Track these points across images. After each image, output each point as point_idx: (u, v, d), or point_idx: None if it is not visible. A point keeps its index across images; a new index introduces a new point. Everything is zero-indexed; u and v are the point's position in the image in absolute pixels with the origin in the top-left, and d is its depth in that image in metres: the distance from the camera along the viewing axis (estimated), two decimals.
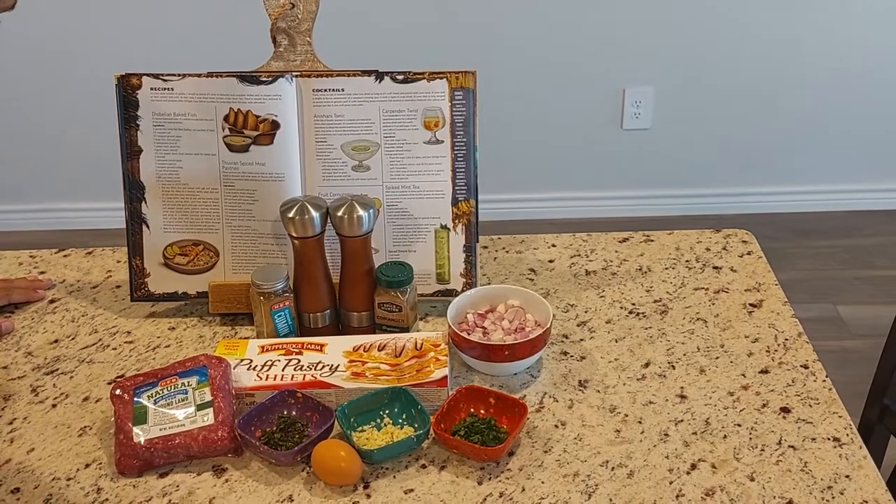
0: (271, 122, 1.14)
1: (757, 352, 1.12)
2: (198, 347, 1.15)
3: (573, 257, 1.32)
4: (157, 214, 1.17)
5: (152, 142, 1.15)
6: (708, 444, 0.99)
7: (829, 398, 1.04)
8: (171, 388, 1.01)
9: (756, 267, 1.29)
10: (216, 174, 1.16)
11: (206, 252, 1.18)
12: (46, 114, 2.74)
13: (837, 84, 2.75)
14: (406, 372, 1.04)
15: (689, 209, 2.91)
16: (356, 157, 1.16)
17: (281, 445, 0.97)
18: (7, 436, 1.02)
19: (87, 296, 1.26)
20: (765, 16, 2.64)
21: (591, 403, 1.05)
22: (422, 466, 0.97)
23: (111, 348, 1.16)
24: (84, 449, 1.00)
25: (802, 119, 2.81)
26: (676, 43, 2.67)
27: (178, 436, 0.97)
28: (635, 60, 2.71)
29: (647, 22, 2.64)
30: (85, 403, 1.07)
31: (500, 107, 2.70)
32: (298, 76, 1.15)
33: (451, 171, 1.16)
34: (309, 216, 1.07)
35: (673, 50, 2.69)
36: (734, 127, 2.81)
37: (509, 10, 2.60)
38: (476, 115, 1.16)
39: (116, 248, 1.35)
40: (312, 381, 1.03)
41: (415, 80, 1.14)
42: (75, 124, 2.75)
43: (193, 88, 1.14)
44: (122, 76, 1.14)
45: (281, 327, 1.11)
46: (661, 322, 1.18)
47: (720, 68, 2.71)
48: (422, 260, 1.17)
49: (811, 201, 2.92)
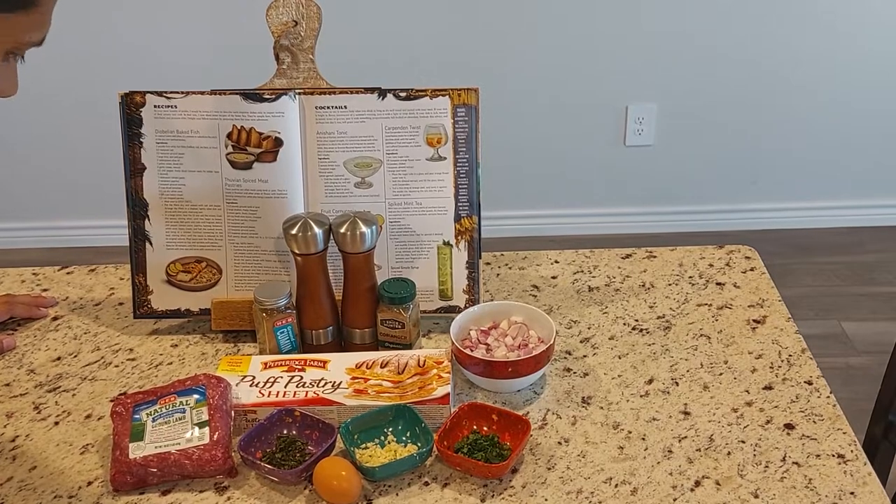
0: (274, 139, 1.15)
1: (760, 368, 1.12)
2: (200, 365, 1.15)
3: (576, 273, 1.32)
4: (160, 231, 1.17)
5: (155, 159, 1.15)
6: (712, 461, 0.98)
7: (834, 414, 1.04)
8: (170, 407, 1.00)
9: (759, 283, 1.29)
10: (219, 191, 1.16)
11: (209, 269, 1.18)
12: (49, 132, 2.76)
13: (839, 100, 2.76)
14: (409, 389, 1.04)
15: (692, 226, 2.91)
16: (359, 173, 1.16)
17: (283, 465, 0.97)
18: (9, 453, 1.02)
19: (89, 313, 1.26)
20: (766, 33, 2.65)
21: (594, 420, 1.04)
22: (424, 484, 0.96)
23: (114, 366, 1.16)
24: (86, 467, 1.00)
25: (805, 136, 2.81)
26: (679, 60, 2.68)
27: (172, 454, 0.96)
28: (638, 78, 2.72)
29: (651, 39, 2.65)
30: (87, 421, 1.07)
31: (504, 124, 2.71)
32: (301, 93, 1.15)
33: (454, 187, 1.16)
34: (312, 233, 1.07)
35: (676, 67, 2.70)
36: (736, 144, 2.82)
37: (512, 28, 2.62)
38: (479, 132, 1.16)
39: (119, 266, 1.35)
40: (315, 398, 1.03)
41: (417, 97, 1.15)
42: (78, 142, 2.76)
43: (197, 106, 1.14)
44: (126, 94, 1.14)
45: (283, 344, 1.11)
46: (665, 338, 1.18)
47: (722, 85, 2.72)
48: (424, 276, 1.17)
49: (814, 217, 2.92)
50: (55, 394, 1.11)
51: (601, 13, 2.61)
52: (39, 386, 1.13)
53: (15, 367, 1.16)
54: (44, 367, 1.16)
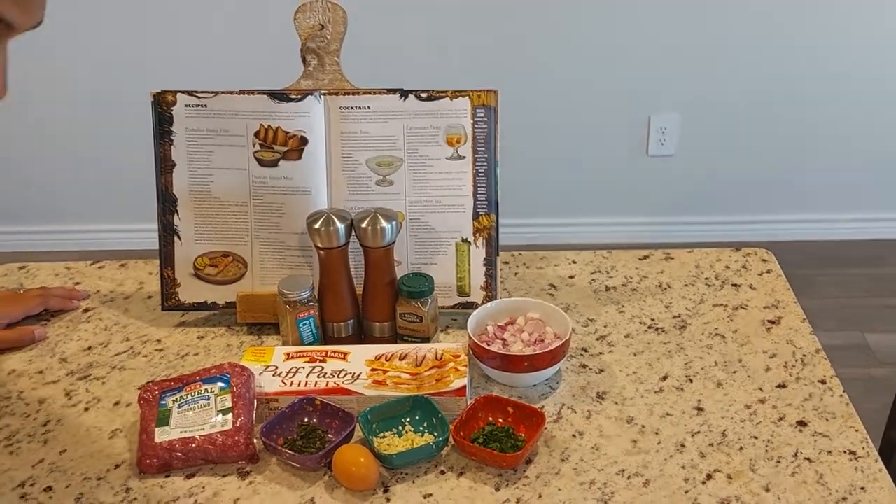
0: (300, 137, 1.18)
1: (774, 367, 1.13)
2: (225, 356, 1.18)
3: (593, 274, 1.34)
4: (188, 226, 1.21)
5: (185, 156, 1.19)
6: (724, 456, 1.00)
7: (846, 413, 1.05)
8: (195, 394, 1.04)
9: (775, 285, 1.30)
10: (246, 188, 1.20)
11: (235, 263, 1.21)
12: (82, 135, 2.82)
13: (863, 112, 2.75)
14: (426, 381, 1.06)
15: (714, 236, 2.91)
16: (380, 172, 1.20)
17: (304, 451, 0.99)
18: (42, 437, 1.06)
19: (119, 306, 1.30)
20: (790, 45, 2.66)
21: (608, 414, 1.06)
22: (441, 472, 0.99)
23: (142, 356, 1.19)
24: (114, 451, 1.03)
25: (828, 147, 2.81)
26: (703, 71, 2.70)
27: (196, 439, 0.99)
28: (661, 88, 2.73)
29: (674, 50, 2.67)
30: (116, 407, 1.10)
31: (526, 132, 2.73)
32: (326, 94, 1.19)
33: (473, 186, 1.19)
34: (334, 227, 1.11)
35: (699, 78, 2.71)
36: (759, 154, 2.82)
37: (537, 36, 2.65)
38: (497, 132, 1.19)
39: (148, 261, 1.39)
40: (335, 387, 1.06)
41: (438, 98, 1.18)
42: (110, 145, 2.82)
43: (226, 105, 1.18)
44: (158, 93, 1.19)
45: (306, 335, 1.14)
46: (680, 337, 1.19)
47: (745, 96, 2.73)
48: (443, 273, 1.20)
49: (836, 229, 2.92)
50: (86, 381, 1.15)
51: (625, 23, 2.63)
52: (71, 374, 1.16)
53: (48, 356, 1.20)
54: (75, 356, 1.20)
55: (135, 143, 2.59)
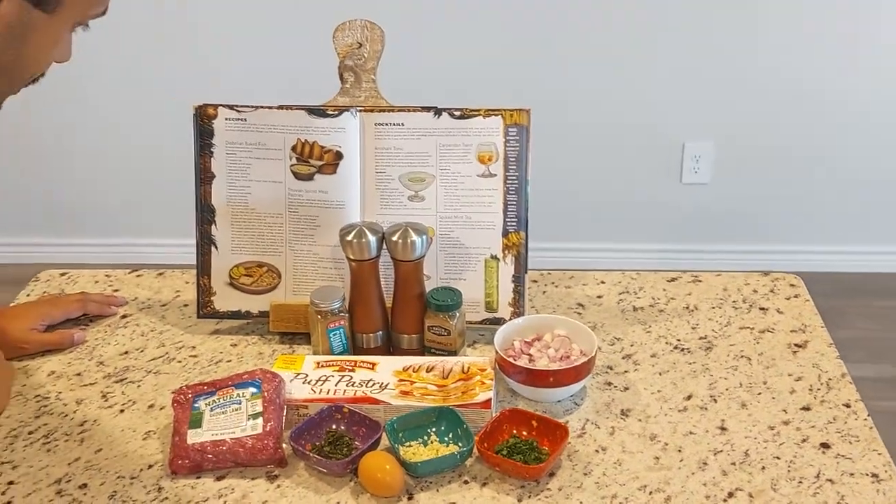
0: (335, 152, 1.22)
1: (799, 390, 1.14)
2: (257, 363, 1.21)
3: (621, 294, 1.35)
4: (225, 237, 1.24)
5: (224, 168, 1.23)
6: (746, 475, 1.00)
7: (870, 436, 1.05)
8: (227, 398, 1.07)
9: (802, 309, 1.30)
10: (282, 200, 1.23)
11: (270, 273, 1.24)
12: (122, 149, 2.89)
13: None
14: (452, 393, 1.08)
15: (745, 265, 2.90)
16: (412, 187, 1.22)
17: (331, 457, 1.02)
18: (78, 436, 1.09)
19: (156, 313, 1.33)
20: (825, 74, 2.66)
21: (632, 431, 1.07)
22: (464, 482, 1.00)
23: (177, 361, 1.22)
24: (148, 451, 1.06)
25: (861, 177, 2.80)
26: (737, 99, 2.71)
27: (227, 442, 1.02)
28: (695, 116, 2.74)
29: (709, 78, 2.68)
30: (150, 410, 1.13)
31: (559, 157, 2.75)
32: (362, 111, 1.22)
33: (503, 203, 1.21)
34: (366, 240, 1.13)
35: (733, 106, 2.72)
36: (793, 184, 2.82)
37: (572, 63, 2.67)
38: (529, 151, 1.21)
39: (185, 271, 1.42)
40: (363, 396, 1.08)
41: (471, 116, 1.21)
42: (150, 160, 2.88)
43: (265, 119, 1.22)
44: (200, 106, 1.23)
45: (336, 345, 1.16)
46: (706, 358, 1.20)
47: (780, 125, 2.73)
48: (471, 288, 1.22)
49: (869, 261, 2.90)
50: (122, 384, 1.18)
51: (660, 51, 2.65)
52: (108, 377, 1.20)
53: (86, 359, 1.23)
54: (112, 359, 1.23)
55: (175, 155, 2.65)
